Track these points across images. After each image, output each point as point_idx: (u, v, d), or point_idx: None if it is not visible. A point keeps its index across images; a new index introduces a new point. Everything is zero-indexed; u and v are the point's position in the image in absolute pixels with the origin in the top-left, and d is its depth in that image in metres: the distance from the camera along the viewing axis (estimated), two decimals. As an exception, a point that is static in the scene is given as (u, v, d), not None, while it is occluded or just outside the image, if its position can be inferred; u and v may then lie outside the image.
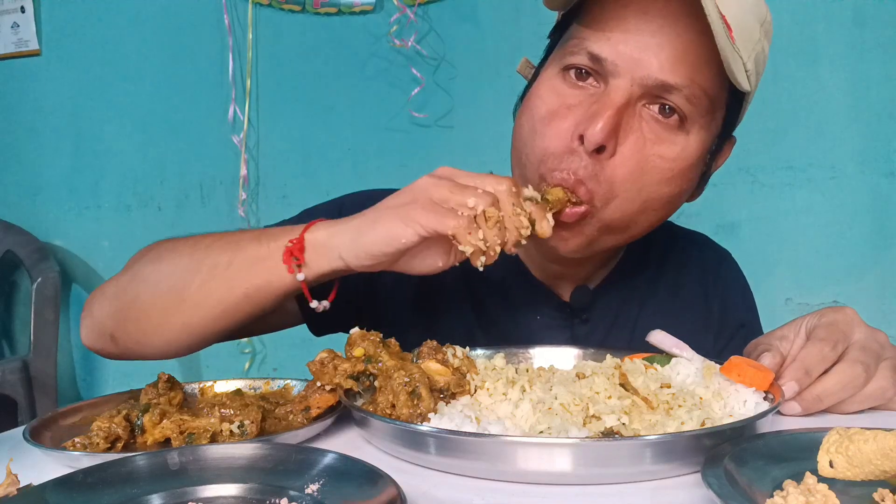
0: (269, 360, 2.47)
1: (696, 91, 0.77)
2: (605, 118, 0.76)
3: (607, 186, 0.79)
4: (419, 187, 0.74)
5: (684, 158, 0.81)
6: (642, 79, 0.77)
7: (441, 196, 0.72)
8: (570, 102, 0.81)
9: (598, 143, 0.77)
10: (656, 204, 0.83)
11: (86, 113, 2.51)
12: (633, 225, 0.85)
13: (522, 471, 0.57)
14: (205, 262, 0.83)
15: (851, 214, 2.13)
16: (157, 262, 0.88)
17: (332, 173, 2.37)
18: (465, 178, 0.74)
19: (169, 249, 0.88)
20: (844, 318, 0.75)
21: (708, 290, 1.07)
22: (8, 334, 2.65)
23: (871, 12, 2.06)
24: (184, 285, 0.83)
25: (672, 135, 0.80)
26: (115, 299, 0.89)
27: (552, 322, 1.00)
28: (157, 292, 0.85)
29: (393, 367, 0.70)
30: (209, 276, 0.82)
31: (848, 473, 0.49)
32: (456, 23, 2.27)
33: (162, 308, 0.84)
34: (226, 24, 2.36)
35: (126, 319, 0.88)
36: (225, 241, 0.84)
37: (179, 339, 0.86)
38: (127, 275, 0.90)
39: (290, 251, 0.78)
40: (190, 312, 0.83)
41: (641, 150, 0.79)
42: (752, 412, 0.65)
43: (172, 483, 0.54)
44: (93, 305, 0.92)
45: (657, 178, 0.81)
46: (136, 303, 0.87)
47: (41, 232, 2.51)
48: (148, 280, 0.87)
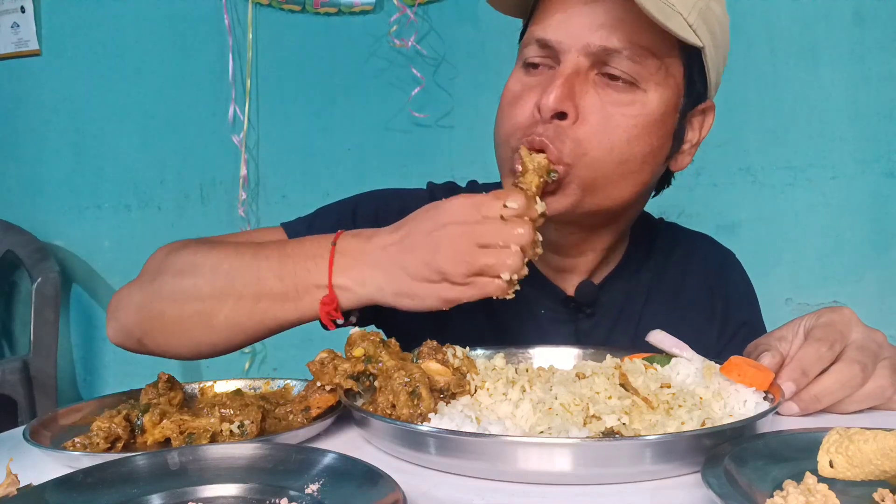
0: (269, 360, 2.47)
1: (637, 51, 0.82)
2: (556, 86, 0.82)
3: (573, 144, 0.83)
4: (447, 255, 0.75)
5: (646, 114, 0.85)
6: (585, 47, 0.83)
7: (474, 268, 0.74)
8: (531, 84, 0.88)
9: (553, 109, 0.82)
10: (632, 164, 0.86)
11: (86, 113, 2.51)
12: (613, 186, 0.87)
13: (522, 471, 0.57)
14: (230, 292, 0.84)
15: (851, 214, 2.12)
16: (180, 278, 0.87)
17: (332, 173, 2.37)
18: (495, 233, 0.75)
19: (190, 266, 0.88)
20: (842, 318, 0.75)
21: (712, 288, 1.07)
22: (8, 334, 2.65)
23: (871, 12, 2.06)
24: (210, 311, 0.84)
25: (628, 95, 0.84)
26: (140, 309, 0.90)
27: (557, 316, 1.00)
28: (183, 314, 0.86)
29: (393, 367, 0.70)
30: (237, 307, 0.83)
31: (848, 473, 0.49)
32: (456, 23, 2.27)
33: (190, 328, 0.86)
34: (226, 24, 2.36)
35: (153, 330, 0.89)
36: (245, 267, 0.84)
37: (206, 352, 0.89)
38: (152, 285, 0.90)
39: (326, 312, 0.80)
40: (219, 335, 0.86)
41: (602, 109, 0.84)
42: (752, 412, 0.65)
43: (172, 483, 0.54)
44: (119, 311, 0.92)
45: (624, 136, 0.84)
46: (162, 318, 0.87)
47: (41, 232, 2.50)
48: (173, 297, 0.87)
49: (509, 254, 0.74)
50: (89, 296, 2.58)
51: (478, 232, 0.74)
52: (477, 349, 0.86)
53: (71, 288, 2.58)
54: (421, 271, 0.76)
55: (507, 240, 0.74)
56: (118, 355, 2.55)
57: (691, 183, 2.12)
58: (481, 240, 0.74)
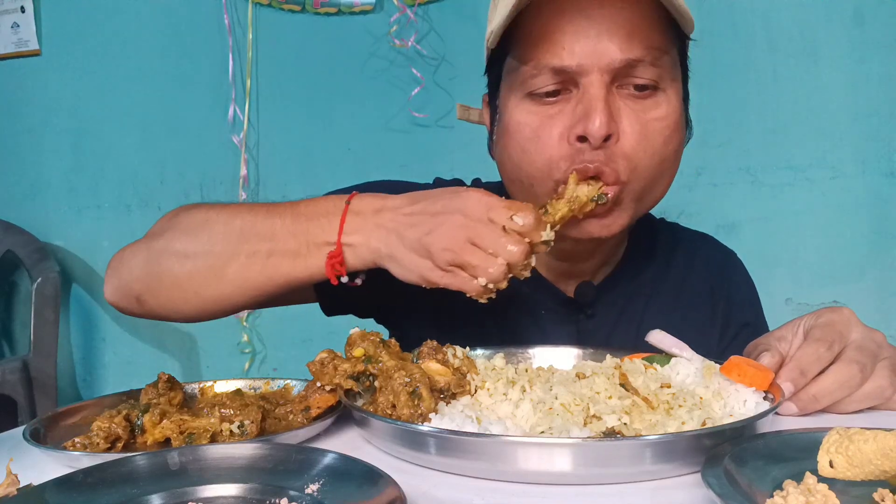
0: (269, 360, 2.47)
1: (656, 54, 0.82)
2: (600, 111, 0.80)
3: (625, 162, 0.83)
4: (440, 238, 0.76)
5: (672, 112, 0.86)
6: (608, 65, 0.80)
7: (458, 261, 0.75)
8: (550, 113, 0.84)
9: (605, 135, 0.80)
10: (669, 162, 0.88)
11: (86, 113, 2.51)
12: (657, 188, 0.89)
13: (523, 471, 0.57)
14: (243, 248, 0.85)
15: (851, 214, 2.12)
16: (190, 235, 0.89)
17: (332, 173, 2.37)
18: (490, 239, 0.75)
19: (202, 221, 0.89)
20: (841, 318, 0.75)
21: (714, 288, 1.07)
22: (8, 334, 2.65)
23: (871, 12, 2.06)
24: (222, 265, 0.86)
25: (653, 99, 0.84)
26: (146, 265, 0.91)
27: (558, 317, 1.00)
28: (193, 268, 0.87)
29: (393, 367, 0.70)
30: (248, 263, 0.85)
31: (848, 473, 0.49)
32: (456, 23, 2.27)
33: (198, 283, 0.87)
34: (226, 24, 2.36)
35: (158, 286, 0.90)
36: (259, 223, 0.86)
37: (210, 309, 0.90)
38: (159, 242, 0.91)
39: (331, 265, 0.82)
40: (227, 291, 0.87)
41: (637, 121, 0.83)
42: (752, 412, 0.65)
43: (172, 483, 0.54)
44: (121, 266, 0.93)
45: (661, 140, 0.85)
46: (170, 273, 0.88)
47: (41, 232, 2.51)
48: (185, 251, 0.88)
49: (493, 263, 0.75)
50: (89, 296, 2.58)
51: (476, 230, 0.75)
52: (477, 349, 0.86)
53: (71, 288, 2.58)
54: (413, 244, 0.78)
55: (497, 250, 0.75)
56: (118, 355, 2.55)
57: (691, 183, 2.12)
58: (475, 239, 0.75)
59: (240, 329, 2.45)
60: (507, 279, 0.76)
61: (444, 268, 0.76)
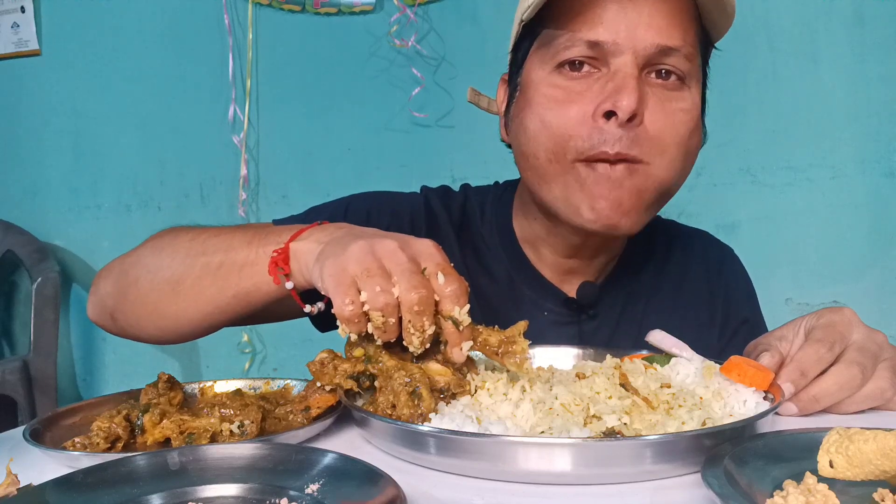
0: (269, 360, 2.47)
1: (689, 49, 0.83)
2: (631, 88, 0.80)
3: (650, 143, 0.82)
4: (351, 253, 0.67)
5: (694, 108, 0.86)
6: (644, 49, 0.81)
7: (353, 273, 0.66)
8: (577, 90, 0.84)
9: (633, 111, 0.79)
10: (691, 155, 0.88)
11: (86, 113, 2.51)
12: (679, 180, 0.88)
13: (523, 471, 0.57)
14: (199, 260, 0.85)
15: (851, 214, 2.13)
16: (158, 251, 0.90)
17: (332, 173, 2.37)
18: (399, 265, 0.66)
19: (171, 239, 0.91)
20: (843, 318, 0.75)
21: (712, 285, 1.08)
22: (8, 334, 2.65)
23: (871, 12, 2.06)
24: (177, 280, 0.86)
25: (678, 92, 0.85)
26: (117, 279, 0.93)
27: (560, 318, 1.00)
28: (154, 281, 0.88)
29: (393, 367, 0.70)
30: (201, 275, 0.84)
31: (848, 473, 0.49)
32: (456, 23, 2.27)
33: (157, 297, 0.88)
34: (226, 24, 2.36)
35: (125, 301, 0.91)
36: (221, 238, 0.86)
37: (172, 328, 0.90)
38: (132, 257, 0.93)
39: (274, 262, 0.78)
40: (183, 306, 0.86)
41: (664, 108, 0.83)
42: (752, 412, 0.65)
43: (172, 483, 0.54)
44: (99, 282, 0.96)
45: (685, 130, 0.85)
46: (135, 287, 0.90)
47: (41, 232, 2.50)
48: (148, 267, 0.89)
49: (385, 285, 0.65)
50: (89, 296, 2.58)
51: (394, 254, 0.67)
52: (477, 349, 0.85)
53: (71, 288, 2.58)
54: (335, 248, 0.70)
55: (399, 278, 0.65)
56: (118, 355, 2.55)
57: (691, 183, 2.10)
58: (386, 258, 0.66)
59: (240, 329, 2.45)
60: (385, 323, 0.65)
61: (341, 271, 0.67)
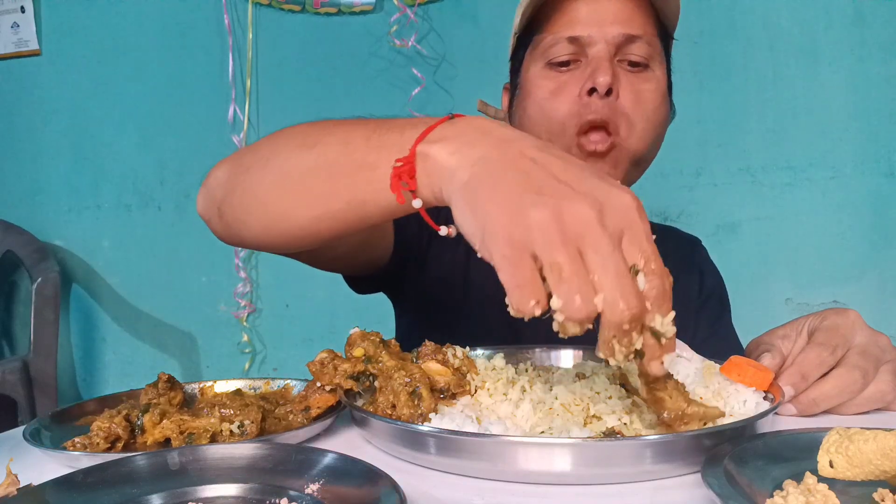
0: (269, 360, 2.47)
1: (650, 37, 0.97)
2: (605, 68, 0.93)
3: (624, 119, 0.95)
4: (534, 222, 0.50)
5: (659, 87, 1.00)
6: (614, 38, 0.95)
7: (554, 261, 0.49)
8: (564, 80, 0.98)
9: (608, 85, 0.93)
10: (660, 129, 1.01)
11: (86, 113, 2.51)
12: (649, 153, 1.01)
13: (523, 471, 0.57)
14: (312, 152, 0.71)
15: (851, 214, 2.12)
16: (276, 137, 0.78)
17: (332, 173, 2.36)
18: (593, 252, 0.50)
19: (291, 131, 0.78)
20: (846, 321, 0.75)
21: (685, 277, 1.13)
22: (8, 334, 2.65)
23: (871, 12, 2.06)
24: (288, 173, 0.73)
25: (644, 73, 0.98)
26: (230, 166, 0.82)
27: None
28: (264, 169, 0.76)
29: (393, 367, 0.70)
30: (313, 169, 0.71)
31: (848, 473, 0.49)
32: (456, 23, 2.27)
33: (266, 189, 0.76)
34: (226, 24, 2.36)
35: (234, 191, 0.80)
36: (341, 130, 0.71)
37: (278, 228, 0.76)
38: (248, 150, 0.82)
39: (398, 174, 0.61)
40: (291, 203, 0.73)
41: (633, 87, 0.97)
42: (752, 412, 0.65)
43: (172, 483, 0.54)
44: (212, 174, 0.85)
45: (652, 106, 0.98)
46: (246, 175, 0.78)
47: (41, 232, 2.50)
48: (262, 152, 0.78)
49: (587, 290, 0.49)
50: (89, 296, 2.58)
51: (598, 237, 0.50)
52: (477, 349, 0.86)
53: (71, 288, 2.58)
54: (508, 193, 0.52)
55: (603, 276, 0.49)
56: (118, 355, 2.55)
57: (691, 183, 2.12)
58: (589, 244, 0.50)
59: (240, 329, 2.45)
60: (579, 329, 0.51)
61: (519, 249, 0.50)
